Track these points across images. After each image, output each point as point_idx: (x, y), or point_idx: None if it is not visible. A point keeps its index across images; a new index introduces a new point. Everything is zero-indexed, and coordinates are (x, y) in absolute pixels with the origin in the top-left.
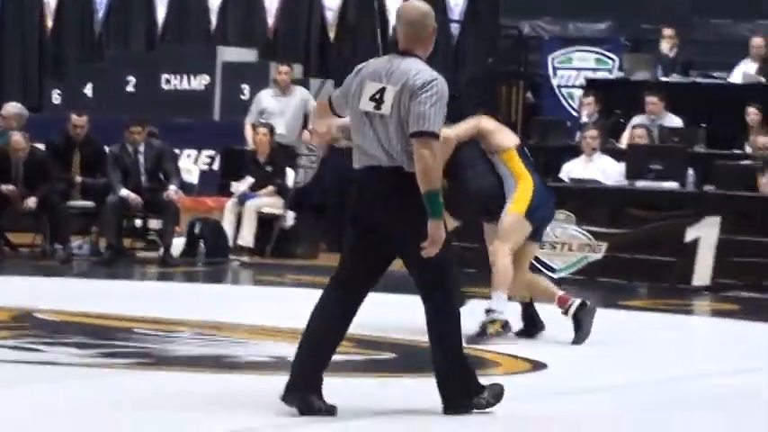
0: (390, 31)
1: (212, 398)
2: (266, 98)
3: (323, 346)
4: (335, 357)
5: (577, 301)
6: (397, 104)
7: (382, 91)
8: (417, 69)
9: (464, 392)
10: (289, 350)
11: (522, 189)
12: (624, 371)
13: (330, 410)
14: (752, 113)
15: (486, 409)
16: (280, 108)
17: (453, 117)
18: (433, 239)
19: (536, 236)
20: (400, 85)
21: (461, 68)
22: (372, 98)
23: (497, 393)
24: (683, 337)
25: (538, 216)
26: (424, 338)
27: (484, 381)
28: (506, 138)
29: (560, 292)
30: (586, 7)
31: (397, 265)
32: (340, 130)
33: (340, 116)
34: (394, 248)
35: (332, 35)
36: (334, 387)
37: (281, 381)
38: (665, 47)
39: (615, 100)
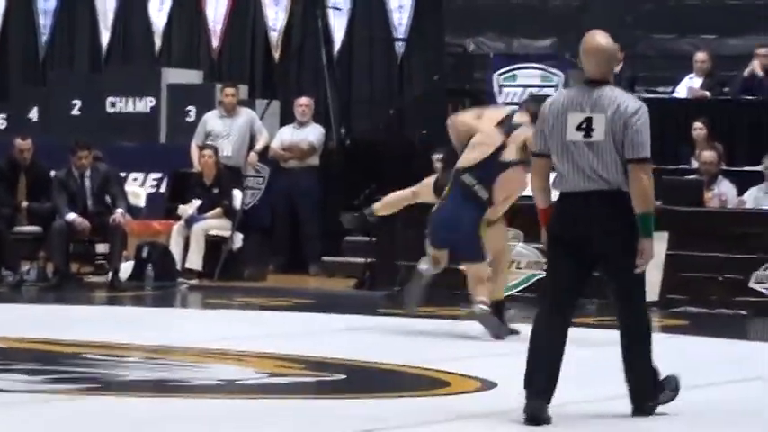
0: (336, 50)
1: (162, 422)
2: (212, 120)
3: (556, 365)
4: (285, 380)
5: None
6: (610, 131)
7: (589, 120)
8: (623, 97)
9: (654, 391)
10: (237, 373)
11: None
12: (573, 388)
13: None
14: (697, 128)
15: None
16: (226, 130)
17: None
18: (646, 256)
19: None
20: (611, 113)
21: (407, 86)
22: (579, 128)
23: (675, 386)
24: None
25: None
26: (372, 358)
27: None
28: None
29: None
30: (530, 24)
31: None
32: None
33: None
34: (605, 263)
35: (277, 55)
36: (284, 410)
37: (231, 404)
38: None
39: None
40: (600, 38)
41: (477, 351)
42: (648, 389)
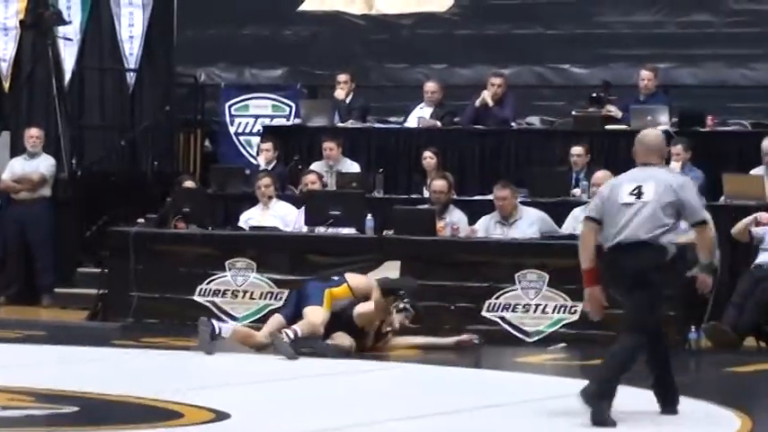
0: (66, 80)
1: None
2: None
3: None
4: (16, 413)
5: None
6: (656, 196)
7: (640, 187)
8: (671, 173)
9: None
10: None
11: None
12: (307, 418)
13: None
14: (428, 157)
15: None
16: None
17: None
18: (706, 287)
19: None
20: (663, 185)
21: (138, 117)
22: (631, 193)
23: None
24: (372, 380)
25: None
26: (105, 390)
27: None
28: None
29: None
30: (261, 54)
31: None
32: None
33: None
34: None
35: (6, 85)
36: None
37: None
38: (341, 93)
39: (293, 146)
40: (655, 135)
41: (210, 382)
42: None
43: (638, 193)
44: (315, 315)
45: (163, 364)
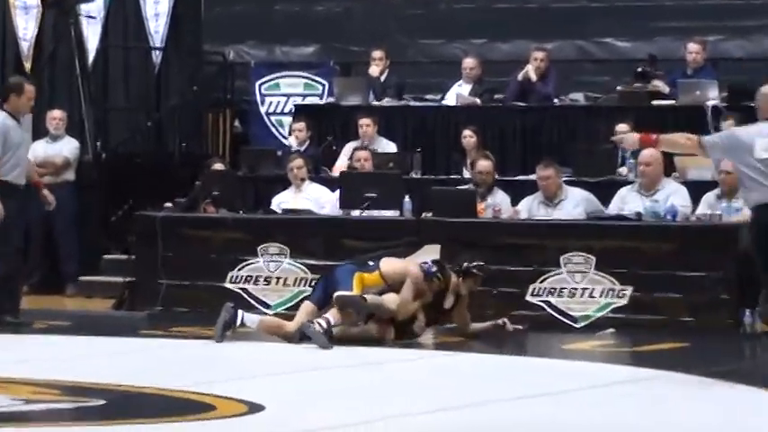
0: (90, 60)
1: None
2: None
3: None
4: (41, 407)
5: None
6: None
7: None
8: None
9: None
10: None
11: None
12: (343, 409)
13: None
14: (468, 136)
15: None
16: None
17: None
18: None
19: None
20: None
21: (164, 97)
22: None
23: None
24: (410, 370)
25: None
26: (133, 382)
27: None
28: None
29: None
30: (292, 31)
31: None
32: None
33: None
34: None
35: (28, 66)
36: None
37: None
38: (375, 70)
39: (327, 126)
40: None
41: (242, 373)
42: None
43: None
44: None
45: (193, 355)
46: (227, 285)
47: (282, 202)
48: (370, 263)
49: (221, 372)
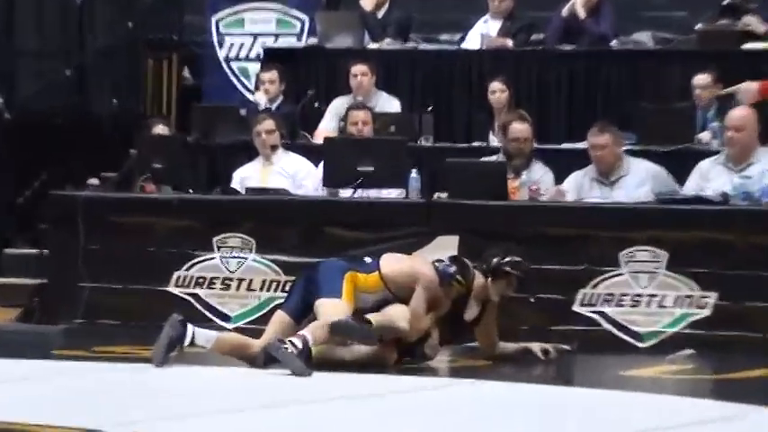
0: None
1: None
2: None
3: None
4: None
5: None
6: None
7: None
8: None
9: None
10: None
11: None
12: None
13: None
14: (497, 90)
15: None
16: None
17: None
18: None
19: None
20: None
21: (89, 37)
22: None
23: None
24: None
25: None
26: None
27: None
28: None
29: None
30: None
31: None
32: None
33: None
34: None
35: None
36: None
37: None
38: (371, 3)
39: (307, 77)
40: None
41: (186, 410)
42: None
43: None
44: (331, 312)
45: (122, 384)
46: (172, 290)
47: (247, 177)
48: (367, 259)
49: (157, 408)
